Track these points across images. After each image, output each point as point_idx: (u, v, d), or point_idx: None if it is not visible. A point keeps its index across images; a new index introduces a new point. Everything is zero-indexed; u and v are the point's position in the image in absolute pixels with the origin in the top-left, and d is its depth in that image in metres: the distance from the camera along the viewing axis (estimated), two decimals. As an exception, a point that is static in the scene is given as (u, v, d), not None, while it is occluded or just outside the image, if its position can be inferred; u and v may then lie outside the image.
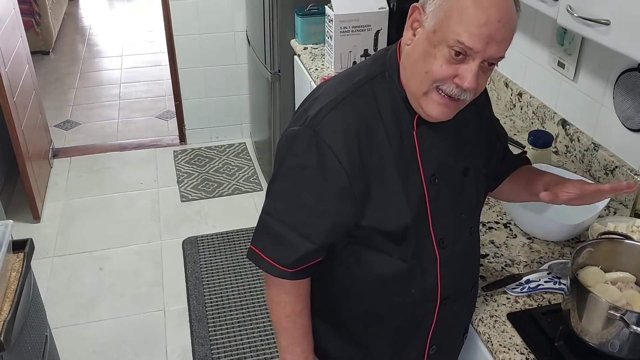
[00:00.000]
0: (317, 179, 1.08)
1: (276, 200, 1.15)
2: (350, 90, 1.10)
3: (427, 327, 1.24)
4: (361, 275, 1.19)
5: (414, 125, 1.11)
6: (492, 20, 0.97)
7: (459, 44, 0.98)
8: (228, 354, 2.47)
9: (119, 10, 6.67)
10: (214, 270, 2.90)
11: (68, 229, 3.21)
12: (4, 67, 2.94)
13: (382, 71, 1.11)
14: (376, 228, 1.11)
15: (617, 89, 1.66)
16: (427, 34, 1.01)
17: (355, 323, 1.25)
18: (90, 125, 4.27)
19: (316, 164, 1.07)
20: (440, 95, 1.04)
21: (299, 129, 1.09)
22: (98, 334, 2.59)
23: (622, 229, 1.43)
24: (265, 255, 1.15)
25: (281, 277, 1.16)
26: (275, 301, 1.21)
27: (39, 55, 5.20)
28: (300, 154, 1.09)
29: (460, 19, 0.97)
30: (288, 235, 1.12)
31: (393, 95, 1.10)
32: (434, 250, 1.17)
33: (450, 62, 1.00)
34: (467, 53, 0.99)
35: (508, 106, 2.21)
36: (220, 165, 3.76)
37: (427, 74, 1.02)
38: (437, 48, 1.00)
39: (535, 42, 2.03)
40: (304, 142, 1.07)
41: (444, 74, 1.01)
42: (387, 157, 1.09)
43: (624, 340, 1.11)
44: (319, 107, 1.09)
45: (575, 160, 1.87)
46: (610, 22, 1.22)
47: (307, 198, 1.10)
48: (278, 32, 2.89)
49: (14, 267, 1.72)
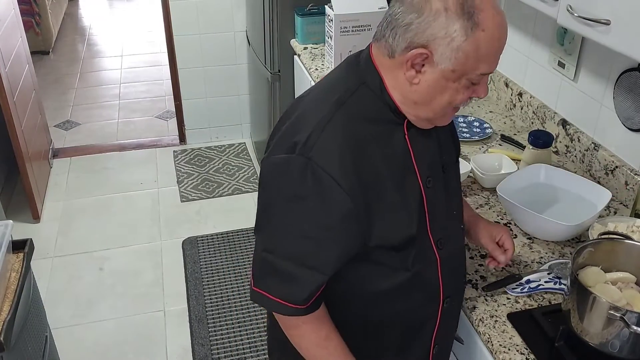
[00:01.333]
0: (319, 206, 1.03)
1: (276, 235, 1.09)
2: (335, 107, 1.06)
3: (431, 327, 1.24)
4: (362, 290, 1.16)
5: (405, 131, 1.10)
6: (504, 43, 1.02)
7: (482, 75, 1.02)
8: (228, 354, 2.47)
9: (118, 10, 6.67)
10: (214, 271, 2.90)
11: (68, 229, 3.21)
12: (4, 67, 2.94)
13: (362, 82, 1.08)
14: (382, 245, 1.09)
15: (618, 88, 1.66)
16: (442, 73, 1.01)
17: (360, 335, 1.23)
18: (90, 125, 4.27)
19: (315, 192, 1.02)
20: (454, 109, 1.09)
21: (290, 158, 1.04)
22: (98, 334, 2.59)
23: (622, 229, 1.43)
24: (273, 295, 1.09)
25: (294, 315, 1.10)
26: (298, 336, 1.16)
27: (39, 55, 5.20)
28: (295, 183, 1.03)
29: (480, 57, 0.99)
30: (295, 270, 1.06)
31: (378, 105, 1.08)
32: (434, 252, 1.16)
33: (469, 87, 1.04)
34: None
35: (508, 106, 2.21)
36: (220, 165, 3.76)
37: (450, 104, 1.06)
38: (457, 82, 1.02)
39: (536, 42, 2.03)
40: (297, 171, 1.03)
41: (465, 98, 1.06)
42: (382, 170, 1.07)
43: (624, 341, 1.11)
44: (308, 131, 1.04)
45: (575, 160, 1.87)
46: (611, 22, 1.22)
47: (310, 228, 1.05)
48: (278, 32, 2.89)
49: (14, 267, 1.72)
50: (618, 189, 1.69)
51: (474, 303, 1.34)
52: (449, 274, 1.21)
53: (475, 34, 0.97)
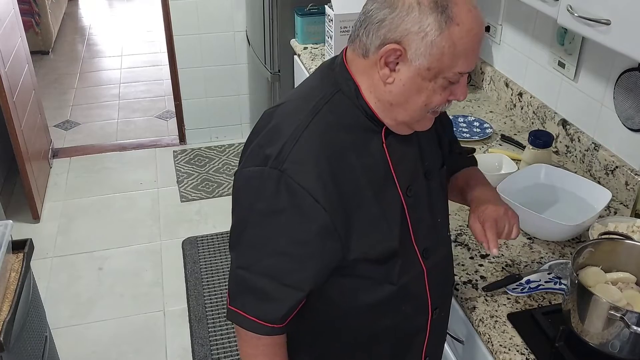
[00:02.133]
0: (294, 221, 0.99)
1: (251, 251, 1.04)
2: (310, 117, 1.01)
3: (421, 340, 1.21)
4: (347, 306, 1.12)
5: (382, 139, 1.06)
6: (481, 40, 0.98)
7: (459, 74, 0.98)
8: (228, 354, 2.47)
9: (118, 10, 6.67)
10: (213, 271, 2.90)
11: (68, 229, 3.21)
12: (4, 67, 2.94)
13: (337, 89, 1.04)
14: (363, 258, 1.05)
15: (618, 88, 1.66)
16: (417, 71, 0.96)
17: (350, 354, 1.19)
18: (90, 125, 4.27)
19: (290, 206, 0.98)
20: (433, 113, 1.04)
21: (262, 170, 0.99)
22: (98, 334, 2.59)
23: (622, 229, 1.43)
24: (248, 314, 1.05)
25: (270, 335, 1.06)
26: (252, 355, 1.11)
27: (39, 55, 5.20)
28: (269, 197, 0.99)
29: (457, 53, 0.95)
30: (272, 288, 1.02)
31: (354, 113, 1.04)
32: (420, 263, 1.13)
33: (446, 87, 1.00)
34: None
35: (508, 106, 2.21)
36: (220, 165, 3.76)
37: (426, 106, 1.01)
38: (433, 81, 0.98)
39: (536, 42, 2.03)
40: (271, 184, 0.98)
41: (443, 100, 1.01)
42: (360, 179, 1.02)
43: (625, 341, 1.11)
44: (281, 143, 0.99)
45: (575, 160, 1.86)
46: (611, 22, 1.22)
47: (286, 244, 1.01)
48: (278, 32, 2.89)
49: (14, 267, 1.72)
50: (618, 189, 1.69)
51: (474, 303, 1.34)
52: (436, 284, 1.17)
53: (449, 29, 0.93)
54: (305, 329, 1.17)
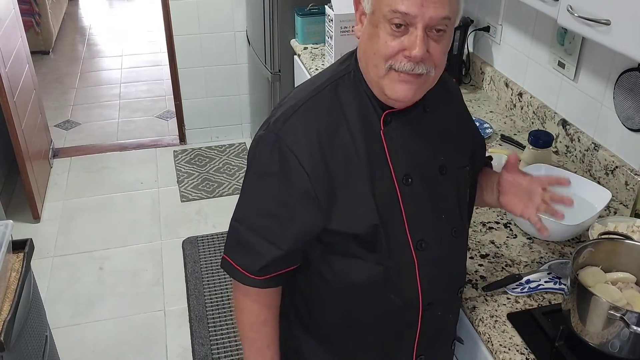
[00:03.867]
0: (281, 184, 1.07)
1: (244, 207, 1.14)
2: (312, 93, 1.10)
3: (412, 336, 1.20)
4: (337, 284, 1.15)
5: (381, 125, 1.09)
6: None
7: (395, 13, 0.98)
8: (228, 354, 2.47)
9: (119, 10, 6.67)
10: (214, 270, 2.90)
11: (68, 229, 3.21)
12: (4, 67, 2.94)
13: (348, 72, 1.11)
14: (345, 232, 1.09)
15: (618, 89, 1.66)
16: (369, 18, 1.04)
17: (337, 335, 1.22)
18: (90, 125, 4.27)
19: (279, 169, 1.06)
20: (397, 73, 1.02)
21: (262, 134, 1.10)
22: (98, 334, 2.59)
23: (622, 229, 1.43)
24: (236, 263, 1.14)
25: (251, 286, 1.14)
26: (240, 308, 1.19)
27: (39, 55, 5.20)
28: (264, 159, 1.08)
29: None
30: (255, 242, 1.11)
31: (359, 95, 1.09)
32: (411, 253, 1.12)
33: (394, 35, 1.00)
34: (407, 22, 0.98)
35: (508, 106, 2.21)
36: (220, 165, 3.76)
37: (375, 54, 1.03)
38: (379, 26, 1.01)
39: (536, 42, 2.03)
40: (267, 147, 1.08)
41: (391, 50, 1.01)
42: (351, 158, 1.07)
43: (624, 341, 1.11)
44: (281, 112, 1.10)
45: (575, 161, 1.87)
46: (611, 22, 1.22)
47: (271, 204, 1.09)
48: (278, 32, 2.89)
49: (14, 267, 1.72)
50: (618, 189, 1.69)
51: (474, 303, 1.34)
52: (432, 280, 1.16)
53: None
54: (303, 305, 1.23)
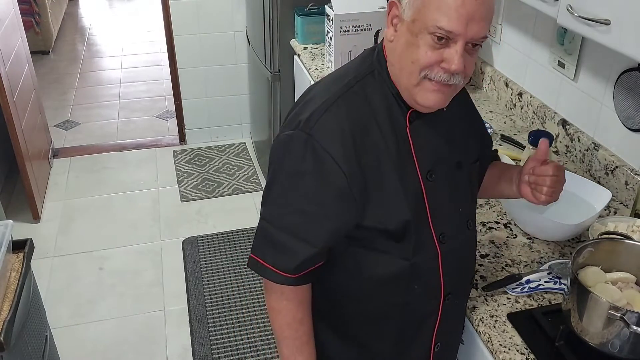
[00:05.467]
0: (316, 183, 1.08)
1: (275, 207, 1.14)
2: (341, 91, 1.10)
3: (431, 324, 1.24)
4: (362, 278, 1.18)
5: (407, 122, 1.11)
6: (468, 2, 0.98)
7: (439, 29, 0.99)
8: (228, 354, 2.47)
9: (119, 10, 6.67)
10: (214, 270, 2.90)
11: (68, 229, 3.21)
12: (4, 67, 2.94)
13: (372, 70, 1.12)
14: (377, 227, 1.11)
15: (618, 88, 1.66)
16: (407, 25, 1.03)
17: (358, 325, 1.24)
18: (90, 125, 4.27)
19: (313, 169, 1.07)
20: (431, 82, 1.04)
21: (293, 133, 1.09)
22: (98, 334, 2.59)
23: (622, 228, 1.43)
24: (267, 262, 1.14)
25: (284, 284, 1.14)
26: (276, 309, 1.19)
27: (39, 55, 5.20)
28: (297, 159, 1.08)
29: (438, 4, 0.98)
30: (288, 241, 1.11)
31: (384, 93, 1.11)
32: (435, 245, 1.17)
33: (434, 48, 1.01)
34: (449, 37, 1.00)
35: (508, 106, 2.21)
36: (220, 165, 3.76)
37: (413, 63, 1.03)
38: (419, 36, 1.01)
39: (536, 41, 2.03)
40: (299, 146, 1.08)
41: (430, 61, 1.02)
42: (382, 155, 1.09)
43: (624, 340, 1.11)
44: (312, 110, 1.09)
45: (575, 160, 1.87)
46: (611, 22, 1.22)
47: (306, 203, 1.09)
48: (278, 32, 2.89)
49: (14, 267, 1.72)
50: (618, 188, 1.69)
51: (474, 303, 1.34)
52: (451, 271, 1.20)
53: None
54: (324, 298, 1.24)
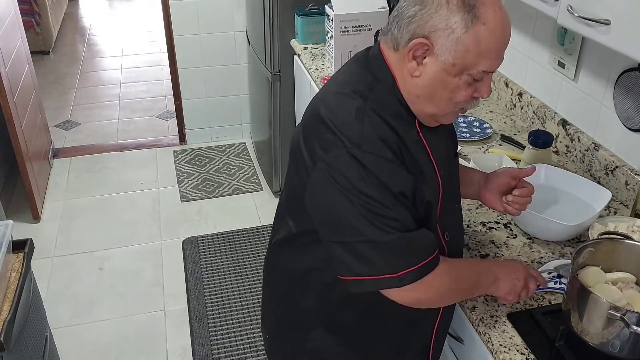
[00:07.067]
0: (385, 185, 1.06)
1: (356, 225, 1.06)
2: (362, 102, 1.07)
3: (432, 322, 1.25)
4: None
5: (417, 128, 1.12)
6: (506, 41, 1.03)
7: (483, 72, 1.03)
8: (228, 354, 2.47)
9: (119, 10, 6.67)
10: (214, 270, 2.90)
11: (68, 229, 3.21)
12: (4, 67, 2.94)
13: (375, 78, 1.11)
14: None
15: (618, 88, 1.66)
16: (442, 65, 1.03)
17: (358, 327, 1.24)
18: (90, 125, 4.27)
19: (379, 177, 1.04)
20: (458, 110, 1.11)
21: (344, 153, 1.04)
22: (98, 334, 2.59)
23: (622, 229, 1.43)
24: (395, 272, 1.06)
25: (426, 274, 1.08)
26: (432, 298, 1.12)
27: (39, 55, 5.20)
28: (356, 178, 1.04)
29: (481, 51, 1.01)
30: (395, 240, 1.05)
31: (393, 102, 1.10)
32: (443, 244, 1.19)
33: (470, 84, 1.05)
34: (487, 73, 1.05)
35: (508, 106, 2.21)
36: (220, 165, 3.76)
37: (451, 100, 1.06)
38: (458, 77, 1.04)
39: (536, 41, 2.03)
40: (354, 164, 1.04)
41: (467, 98, 1.06)
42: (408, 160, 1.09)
43: (625, 341, 1.11)
44: (348, 124, 1.05)
45: (575, 160, 1.87)
46: (611, 22, 1.22)
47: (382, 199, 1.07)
48: (278, 32, 2.89)
49: (14, 267, 1.72)
50: (618, 189, 1.69)
51: (474, 303, 1.34)
52: None
53: (475, 27, 0.99)
54: (321, 304, 1.23)
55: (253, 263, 2.94)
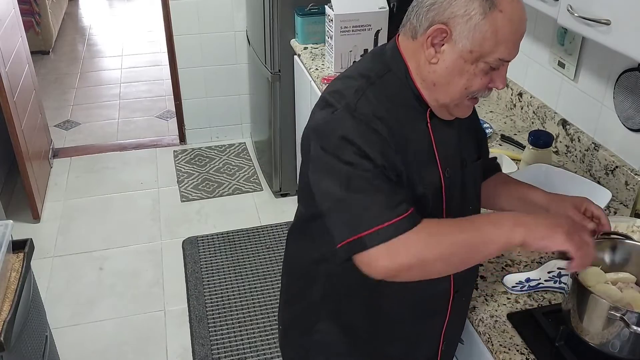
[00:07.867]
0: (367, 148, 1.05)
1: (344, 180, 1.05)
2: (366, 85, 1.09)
3: (440, 322, 1.25)
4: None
5: (427, 119, 1.12)
6: (522, 31, 1.05)
7: (500, 60, 1.04)
8: (228, 354, 2.47)
9: (119, 10, 6.67)
10: (214, 270, 2.90)
11: (68, 229, 3.21)
12: (4, 67, 2.94)
13: (388, 69, 1.12)
14: None
15: (618, 88, 1.66)
16: (460, 52, 1.03)
17: (367, 325, 1.24)
18: (90, 125, 4.27)
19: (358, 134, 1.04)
20: (472, 99, 1.11)
21: (340, 114, 1.06)
22: (98, 334, 2.59)
23: (622, 229, 1.43)
24: (378, 224, 0.99)
25: (409, 228, 1.00)
26: (419, 256, 1.00)
27: (39, 55, 5.20)
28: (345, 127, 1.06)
29: (499, 39, 1.02)
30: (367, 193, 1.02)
31: (403, 92, 1.11)
32: None
33: (486, 73, 1.06)
34: (504, 62, 1.05)
35: (508, 106, 2.21)
36: (220, 165, 3.76)
37: (466, 89, 1.07)
38: (475, 64, 1.04)
39: (536, 42, 2.03)
40: (350, 119, 1.05)
41: (483, 86, 1.07)
42: (408, 148, 1.09)
43: (625, 341, 1.11)
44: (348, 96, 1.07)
45: (575, 160, 1.87)
46: (611, 22, 1.22)
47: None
48: (278, 32, 2.89)
49: (14, 267, 1.72)
50: (618, 189, 1.69)
51: (474, 303, 1.34)
52: None
53: (493, 14, 1.00)
54: (329, 300, 1.23)
55: (253, 263, 2.94)
